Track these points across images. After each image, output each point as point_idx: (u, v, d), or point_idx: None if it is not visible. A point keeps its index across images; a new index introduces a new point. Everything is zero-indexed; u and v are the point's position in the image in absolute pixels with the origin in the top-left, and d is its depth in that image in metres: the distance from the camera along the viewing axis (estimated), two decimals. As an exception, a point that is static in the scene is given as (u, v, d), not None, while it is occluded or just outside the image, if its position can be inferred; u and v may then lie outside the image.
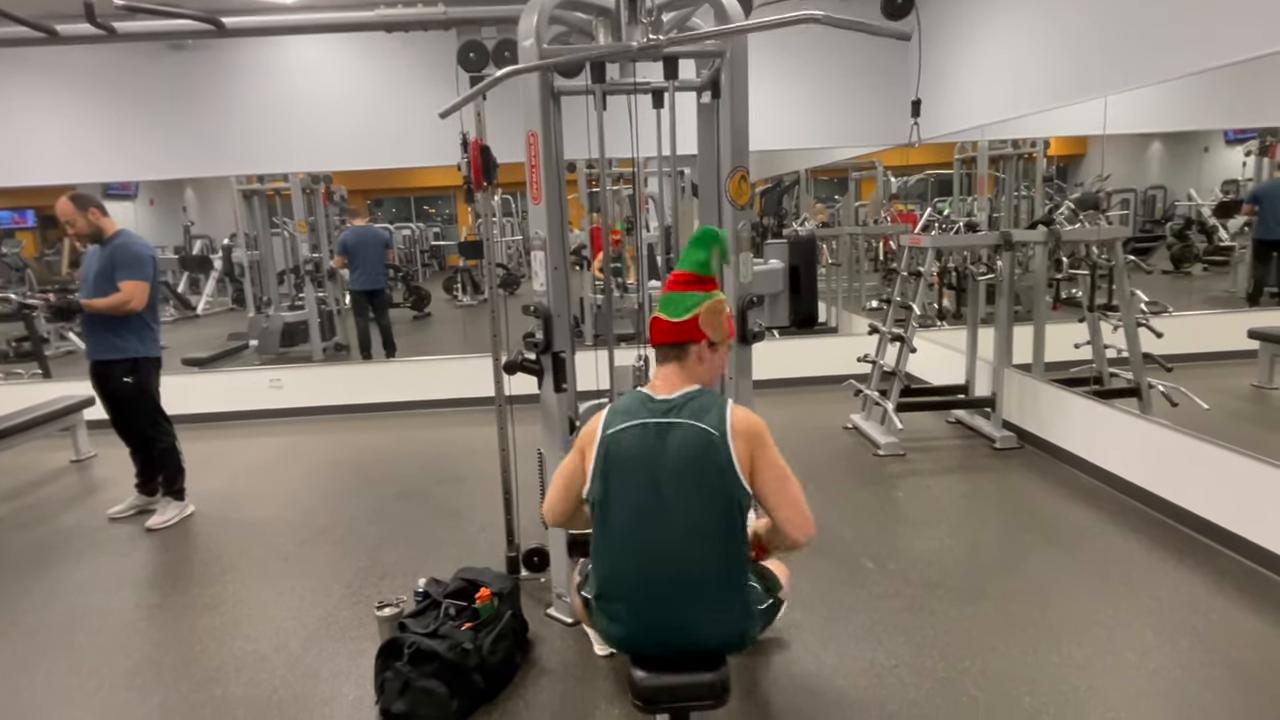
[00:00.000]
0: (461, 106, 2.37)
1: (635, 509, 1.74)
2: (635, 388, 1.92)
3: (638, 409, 1.80)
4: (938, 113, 5.37)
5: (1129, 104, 3.86)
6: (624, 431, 1.77)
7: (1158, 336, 4.26)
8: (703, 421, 1.74)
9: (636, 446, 1.75)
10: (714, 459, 1.71)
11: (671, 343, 1.87)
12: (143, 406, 3.92)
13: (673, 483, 1.72)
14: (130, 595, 3.28)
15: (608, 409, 1.86)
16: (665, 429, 1.75)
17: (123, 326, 3.78)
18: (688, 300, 1.87)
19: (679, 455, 1.72)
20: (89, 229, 3.73)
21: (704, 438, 1.72)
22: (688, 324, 1.86)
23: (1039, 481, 4.04)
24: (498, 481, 3.19)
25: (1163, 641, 2.57)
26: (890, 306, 4.98)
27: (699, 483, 1.72)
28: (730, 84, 2.55)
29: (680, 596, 1.74)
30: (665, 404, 1.80)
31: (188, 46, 5.57)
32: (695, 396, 1.81)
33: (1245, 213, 4.95)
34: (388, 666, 2.36)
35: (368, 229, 7.31)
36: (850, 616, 2.80)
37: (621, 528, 1.76)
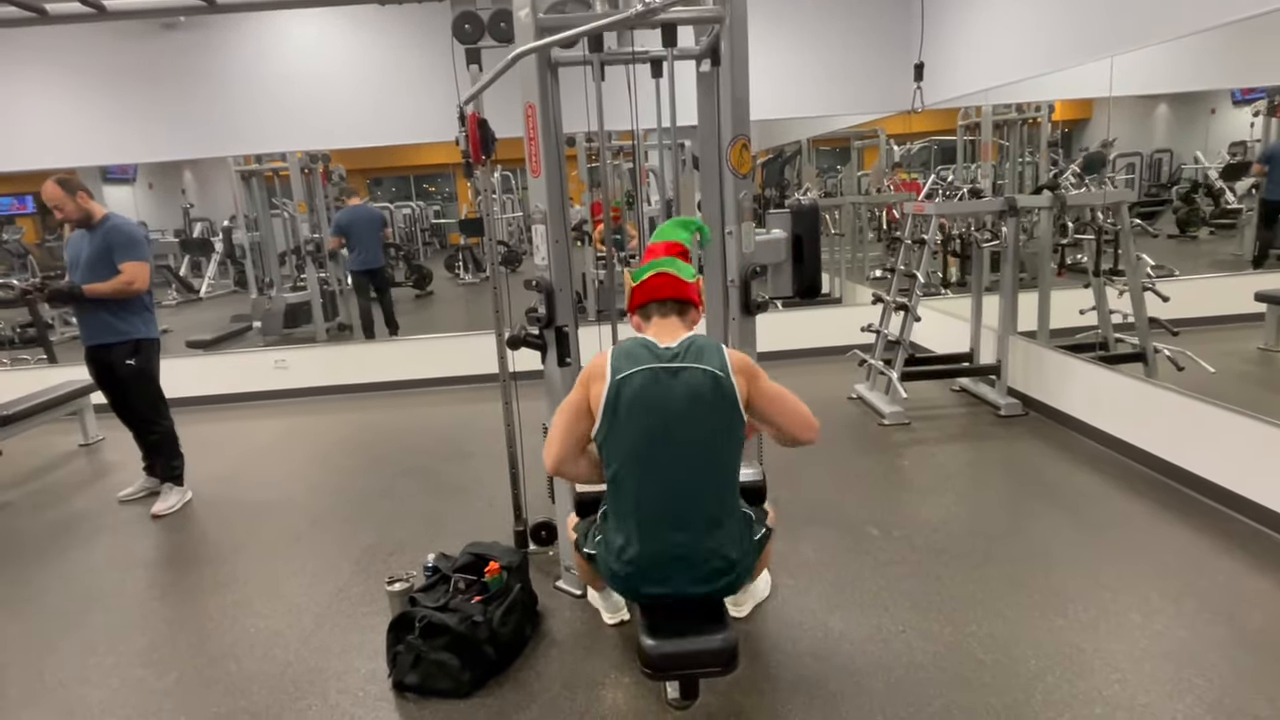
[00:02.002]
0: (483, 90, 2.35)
1: (646, 446, 1.86)
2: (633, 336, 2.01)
3: (644, 355, 1.89)
4: (941, 78, 5.30)
5: (1135, 65, 3.79)
6: (634, 375, 1.86)
7: (1164, 301, 4.24)
8: (707, 364, 1.87)
9: (648, 389, 1.85)
10: (722, 396, 1.86)
11: (678, 297, 2.01)
12: (145, 389, 3.90)
13: (682, 421, 1.84)
14: (143, 575, 3.32)
15: (611, 351, 1.94)
16: (674, 373, 1.86)
17: (123, 309, 3.76)
18: (690, 269, 2.06)
19: (689, 395, 1.85)
20: (78, 213, 3.67)
21: (711, 378, 1.86)
22: (694, 286, 2.05)
23: (1044, 447, 4.05)
24: (504, 457, 3.20)
25: (1167, 603, 2.58)
26: (894, 275, 4.96)
27: (707, 419, 1.86)
28: (730, 51, 2.51)
29: (687, 524, 1.87)
30: (670, 351, 1.90)
31: (180, 25, 5.50)
32: (695, 341, 1.93)
33: (1255, 173, 4.90)
34: (400, 640, 2.39)
35: (363, 208, 7.25)
36: (856, 583, 2.82)
37: (631, 463, 1.87)
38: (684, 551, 1.86)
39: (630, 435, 1.86)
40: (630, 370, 1.86)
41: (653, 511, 1.87)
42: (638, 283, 2.03)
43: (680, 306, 2.02)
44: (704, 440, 1.86)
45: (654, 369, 1.86)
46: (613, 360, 1.91)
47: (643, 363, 1.87)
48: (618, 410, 1.86)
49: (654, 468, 1.86)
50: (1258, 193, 4.92)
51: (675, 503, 1.86)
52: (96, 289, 3.66)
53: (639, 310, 2.05)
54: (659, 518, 1.87)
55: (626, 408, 1.85)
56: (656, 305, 2.01)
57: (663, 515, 1.87)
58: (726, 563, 1.89)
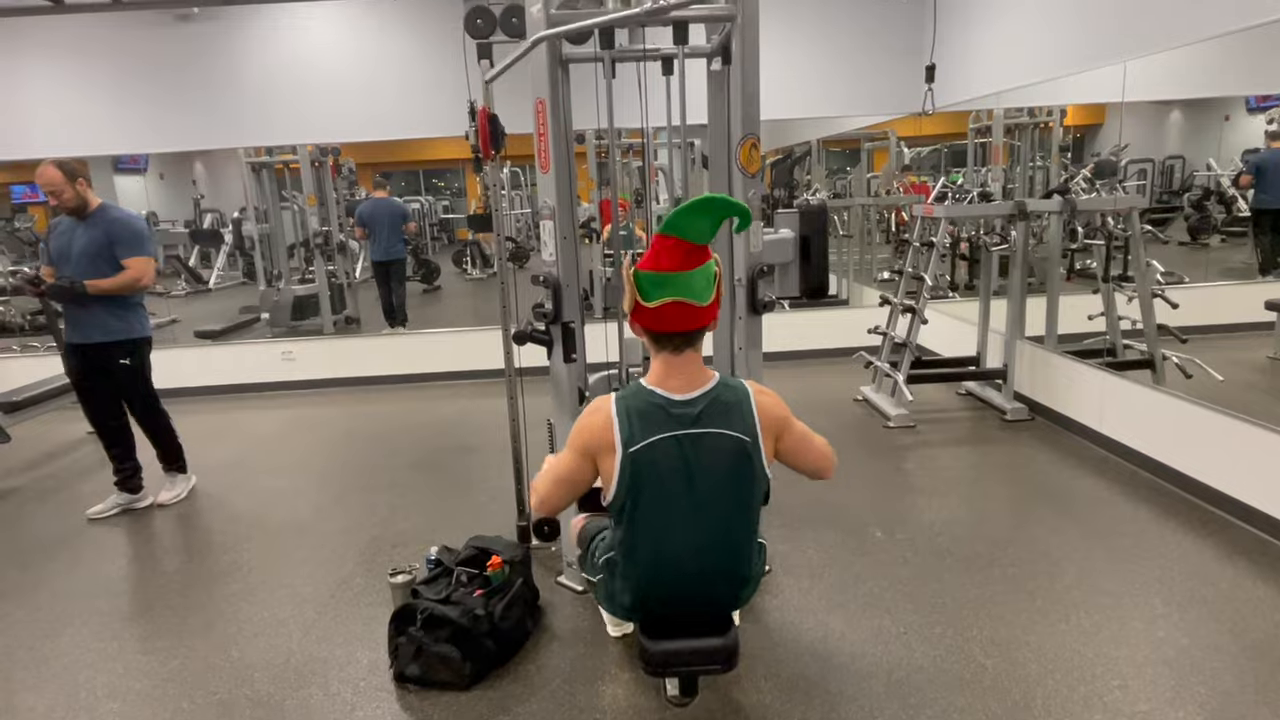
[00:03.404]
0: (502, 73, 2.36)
1: (669, 517, 1.73)
2: (638, 381, 1.78)
3: (659, 417, 1.69)
4: (952, 80, 5.28)
5: (1149, 70, 3.78)
6: (652, 446, 1.67)
7: (1173, 308, 4.22)
8: (733, 428, 1.69)
9: (668, 460, 1.68)
10: (749, 465, 1.72)
11: (697, 330, 1.72)
12: (141, 387, 3.75)
13: (706, 489, 1.71)
14: (149, 562, 3.34)
15: (615, 409, 1.71)
16: (696, 439, 1.68)
17: (123, 306, 3.58)
18: (706, 275, 1.69)
19: (713, 464, 1.70)
20: (76, 200, 3.47)
21: (737, 445, 1.69)
22: (714, 305, 1.73)
23: (1049, 453, 4.04)
24: (508, 452, 3.21)
25: (1171, 610, 2.58)
26: (902, 278, 4.95)
27: (734, 487, 1.73)
28: (741, 50, 2.51)
29: (710, 583, 1.81)
30: (689, 408, 1.69)
31: (194, 16, 5.52)
32: (718, 395, 1.72)
33: (1244, 184, 4.93)
34: (401, 632, 2.40)
35: (386, 200, 7.56)
36: (858, 584, 2.82)
37: (654, 533, 1.75)
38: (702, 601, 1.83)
39: (652, 505, 1.71)
40: (645, 440, 1.67)
41: (674, 576, 1.78)
42: (645, 304, 1.70)
43: (694, 337, 1.73)
44: (731, 506, 1.74)
45: (675, 437, 1.67)
46: (620, 424, 1.68)
47: (658, 427, 1.67)
48: (635, 484, 1.69)
49: (679, 534, 1.74)
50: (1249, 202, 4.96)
51: (700, 565, 1.77)
52: (101, 285, 3.47)
53: (646, 333, 1.76)
54: (680, 580, 1.78)
55: (650, 482, 1.69)
56: (671, 339, 1.72)
57: (685, 577, 1.78)
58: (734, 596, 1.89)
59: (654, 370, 1.76)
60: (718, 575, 1.81)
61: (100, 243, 3.50)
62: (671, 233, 1.66)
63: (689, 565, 1.77)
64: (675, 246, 1.67)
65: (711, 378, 1.76)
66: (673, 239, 1.67)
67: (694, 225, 1.65)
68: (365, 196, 9.33)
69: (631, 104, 2.73)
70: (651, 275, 1.68)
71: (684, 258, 1.66)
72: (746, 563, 1.85)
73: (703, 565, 1.78)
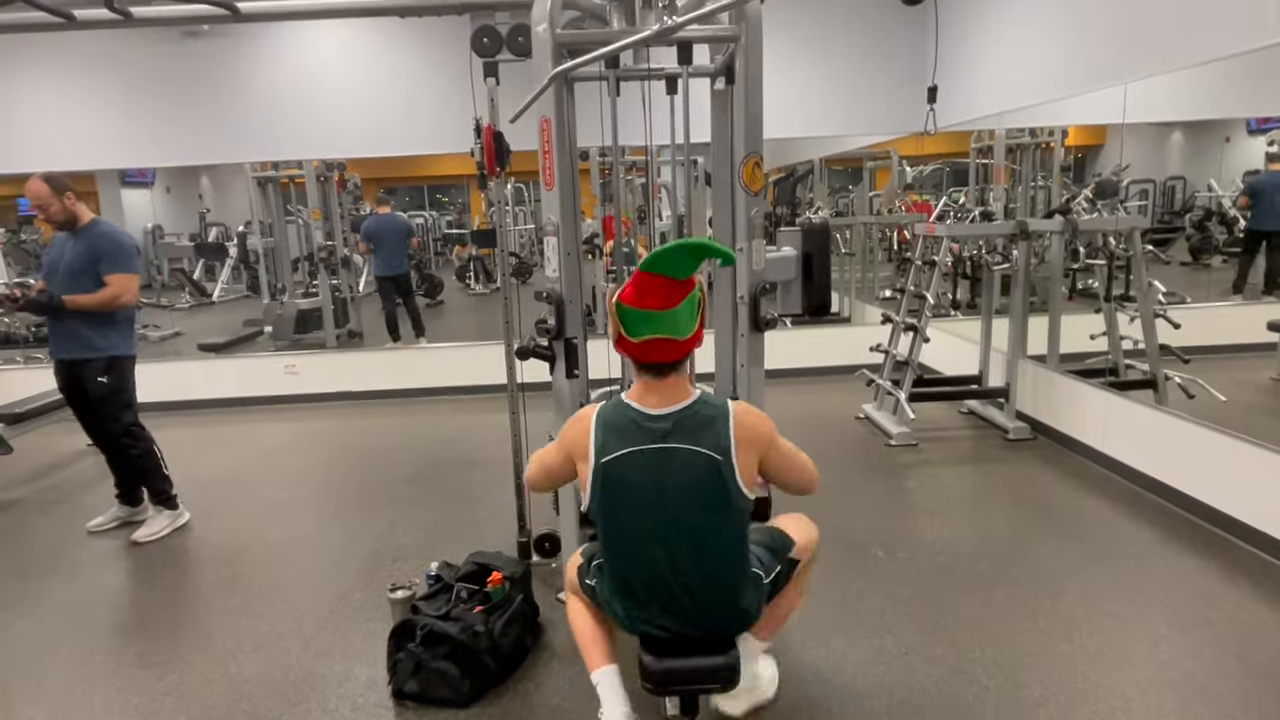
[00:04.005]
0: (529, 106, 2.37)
1: (642, 529, 1.74)
2: (620, 396, 1.80)
3: (631, 432, 1.70)
4: (954, 100, 5.32)
5: (1149, 92, 3.80)
6: (620, 460, 1.70)
7: (1175, 328, 4.22)
8: (703, 445, 1.68)
9: (637, 474, 1.70)
10: (717, 483, 1.69)
11: (680, 359, 1.74)
12: (117, 409, 3.59)
13: (677, 504, 1.70)
14: (148, 575, 3.33)
15: (594, 419, 1.75)
16: (665, 454, 1.69)
17: (102, 323, 3.48)
18: (690, 307, 1.70)
19: (681, 480, 1.69)
20: (64, 214, 3.41)
21: (706, 463, 1.68)
22: (696, 336, 1.74)
23: (1052, 472, 4.02)
24: (510, 467, 3.21)
25: (1174, 632, 2.56)
26: (904, 296, 4.96)
27: (703, 504, 1.71)
28: (745, 70, 2.53)
29: (696, 596, 1.78)
30: (661, 424, 1.70)
31: (203, 33, 5.59)
32: (693, 411, 1.72)
33: (1240, 205, 4.97)
34: (400, 648, 2.39)
35: (391, 216, 7.63)
36: (860, 603, 2.81)
37: (629, 544, 1.77)
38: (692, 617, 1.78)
39: (619, 523, 1.74)
40: (616, 452, 1.69)
41: (647, 595, 1.77)
42: (629, 338, 1.71)
43: (683, 361, 1.75)
44: (704, 522, 1.71)
45: (642, 451, 1.68)
46: (596, 435, 1.72)
47: (630, 441, 1.69)
48: (606, 495, 1.72)
49: (654, 547, 1.73)
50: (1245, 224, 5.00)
51: (680, 578, 1.74)
52: (78, 301, 3.39)
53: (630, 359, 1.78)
54: (664, 594, 1.76)
55: (615, 494, 1.72)
56: (651, 366, 1.73)
57: (668, 591, 1.76)
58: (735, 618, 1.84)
59: (635, 387, 1.79)
60: (705, 595, 1.77)
61: (85, 258, 3.43)
62: (654, 270, 1.65)
63: (670, 580, 1.75)
64: (660, 286, 1.66)
65: (691, 395, 1.75)
66: (658, 277, 1.66)
67: (676, 264, 1.65)
68: (369, 211, 9.40)
69: (635, 122, 2.75)
70: (636, 312, 1.68)
71: (668, 295, 1.66)
72: (733, 590, 1.80)
73: (686, 584, 1.75)
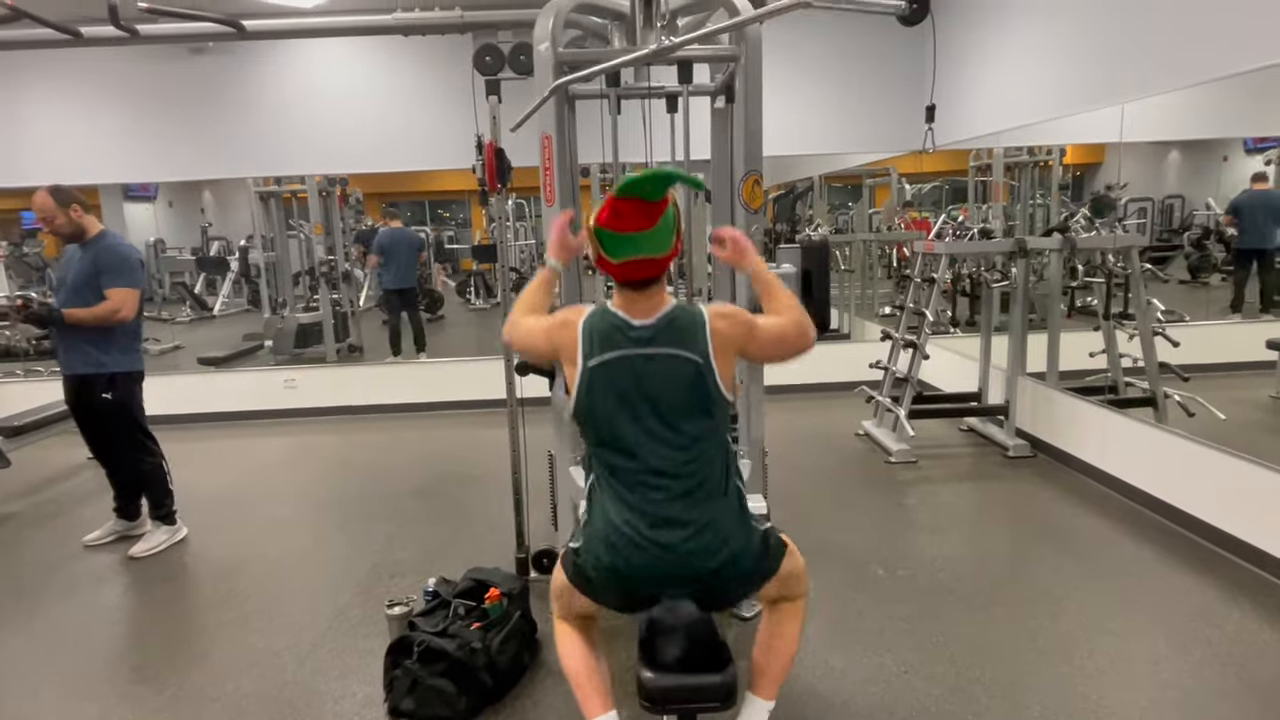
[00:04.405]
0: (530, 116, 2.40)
1: (628, 430, 1.74)
2: (605, 304, 1.82)
3: (617, 338, 1.75)
4: (953, 119, 5.36)
5: (1147, 111, 3.83)
6: (607, 364, 1.74)
7: (1174, 346, 4.23)
8: (686, 349, 1.72)
9: (623, 377, 1.73)
10: (700, 385, 1.72)
11: (660, 274, 1.78)
12: (123, 425, 3.57)
13: (662, 405, 1.73)
14: (144, 590, 3.32)
15: (582, 324, 1.78)
16: (649, 358, 1.73)
17: (104, 338, 3.42)
18: (667, 225, 1.74)
19: (665, 383, 1.72)
20: (70, 227, 3.38)
21: (688, 366, 1.72)
22: (673, 254, 1.78)
23: (1052, 490, 4.02)
24: (508, 482, 3.20)
25: (1175, 652, 2.55)
26: (903, 313, 4.97)
27: (687, 404, 1.73)
28: (744, 89, 2.56)
29: (684, 503, 1.73)
30: (645, 332, 1.74)
31: (209, 49, 5.64)
32: (674, 318, 1.76)
33: (1226, 224, 5.03)
34: (397, 664, 2.38)
35: (402, 231, 7.69)
36: (859, 621, 2.79)
37: (616, 444, 1.76)
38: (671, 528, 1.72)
39: (607, 424, 1.76)
40: (602, 357, 1.74)
41: (636, 490, 1.75)
42: (610, 260, 1.76)
43: (662, 275, 1.79)
44: (689, 424, 1.74)
45: (628, 355, 1.73)
46: (584, 340, 1.76)
47: (616, 346, 1.74)
48: (592, 397, 1.75)
49: (632, 450, 1.74)
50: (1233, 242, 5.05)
51: (658, 479, 1.73)
52: (76, 315, 3.35)
53: (610, 277, 1.82)
54: (643, 496, 1.74)
55: (600, 395, 1.75)
56: (632, 283, 1.78)
57: (646, 493, 1.74)
58: (719, 539, 1.74)
59: (617, 298, 1.82)
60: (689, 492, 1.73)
61: (89, 271, 3.40)
62: (627, 195, 1.68)
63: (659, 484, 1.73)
64: (634, 209, 1.69)
65: (669, 303, 1.79)
66: (632, 201, 1.68)
67: (648, 189, 1.68)
68: (371, 225, 9.45)
69: (636, 139, 2.77)
70: (614, 235, 1.73)
71: (643, 217, 1.70)
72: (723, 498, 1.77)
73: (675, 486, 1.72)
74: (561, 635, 1.96)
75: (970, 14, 5.11)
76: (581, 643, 1.93)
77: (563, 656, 1.93)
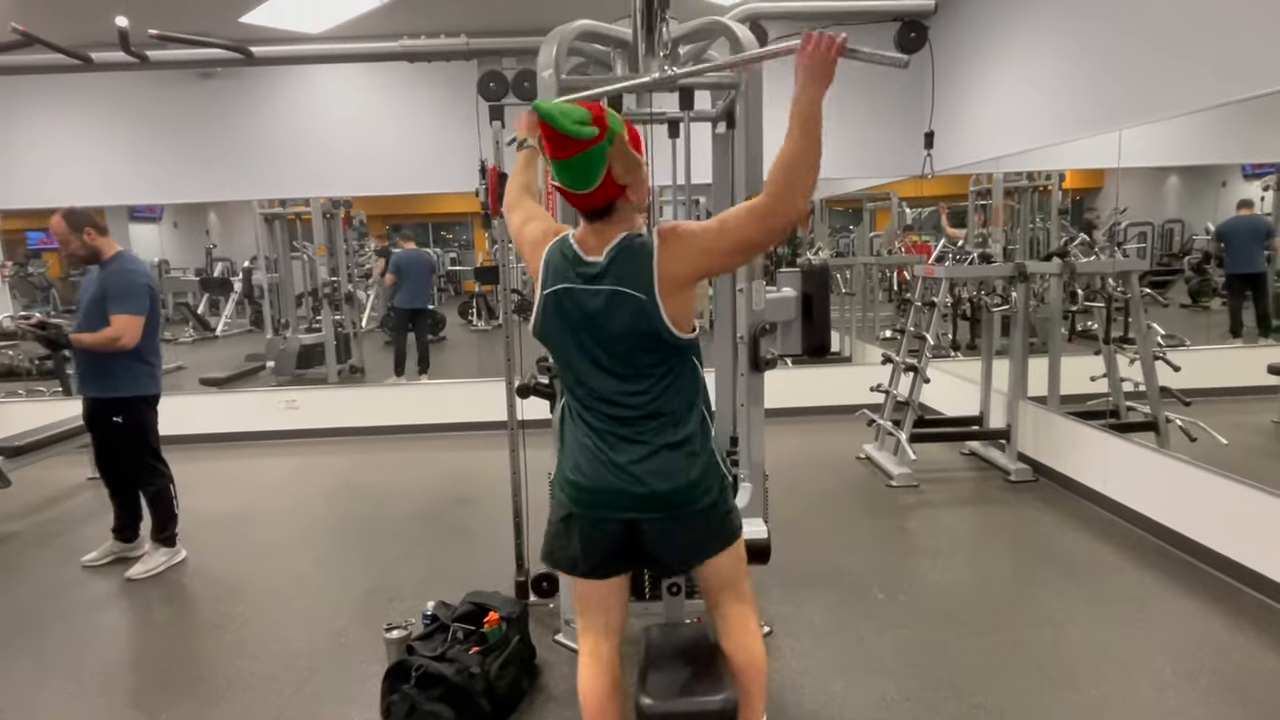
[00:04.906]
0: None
1: (583, 360, 1.75)
2: (569, 231, 1.80)
3: (568, 273, 1.74)
4: (952, 145, 5.41)
5: (1145, 138, 3.87)
6: (556, 294, 1.74)
7: (1175, 370, 4.23)
8: (629, 286, 1.67)
9: (570, 311, 1.73)
10: (646, 323, 1.68)
11: (601, 206, 1.71)
12: (134, 449, 3.58)
13: (607, 343, 1.72)
14: (142, 612, 3.30)
15: (546, 254, 1.78)
16: (594, 295, 1.71)
17: (113, 362, 3.42)
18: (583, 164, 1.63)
19: (609, 320, 1.70)
20: (84, 250, 3.41)
21: (633, 303, 1.67)
22: (603, 188, 1.67)
23: (1054, 515, 4.00)
24: (508, 505, 3.20)
25: (1181, 679, 2.52)
26: (904, 336, 4.98)
27: (632, 342, 1.70)
28: (745, 115, 2.59)
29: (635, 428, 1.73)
30: (593, 269, 1.71)
31: (217, 74, 5.71)
32: (622, 252, 1.70)
33: (1213, 250, 5.10)
34: (395, 689, 2.36)
35: (418, 252, 7.92)
36: (860, 647, 2.77)
37: (567, 369, 1.80)
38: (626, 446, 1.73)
39: (557, 348, 1.80)
40: (553, 287, 1.74)
41: (591, 411, 1.77)
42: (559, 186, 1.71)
43: (603, 210, 1.72)
44: (628, 356, 1.72)
45: (573, 289, 1.72)
46: (543, 268, 1.78)
47: (565, 280, 1.74)
48: (545, 322, 1.77)
49: (583, 379, 1.76)
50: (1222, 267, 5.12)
51: (609, 406, 1.74)
52: (82, 339, 3.37)
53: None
54: (598, 417, 1.76)
55: (552, 322, 1.76)
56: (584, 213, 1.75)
57: (601, 416, 1.76)
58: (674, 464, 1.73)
59: (580, 226, 1.79)
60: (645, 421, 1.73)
61: (99, 295, 3.42)
62: (539, 115, 1.61)
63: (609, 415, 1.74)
64: (551, 134, 1.62)
65: (618, 235, 1.72)
66: (545, 125, 1.61)
67: (552, 118, 1.59)
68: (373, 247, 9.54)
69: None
70: (549, 158, 1.68)
71: (556, 146, 1.63)
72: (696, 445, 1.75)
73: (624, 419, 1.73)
74: (583, 657, 1.90)
75: (969, 42, 5.18)
76: (601, 671, 1.87)
77: (580, 680, 1.90)
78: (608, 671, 1.87)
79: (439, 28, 3.46)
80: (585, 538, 1.78)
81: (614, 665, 1.89)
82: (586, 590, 1.86)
